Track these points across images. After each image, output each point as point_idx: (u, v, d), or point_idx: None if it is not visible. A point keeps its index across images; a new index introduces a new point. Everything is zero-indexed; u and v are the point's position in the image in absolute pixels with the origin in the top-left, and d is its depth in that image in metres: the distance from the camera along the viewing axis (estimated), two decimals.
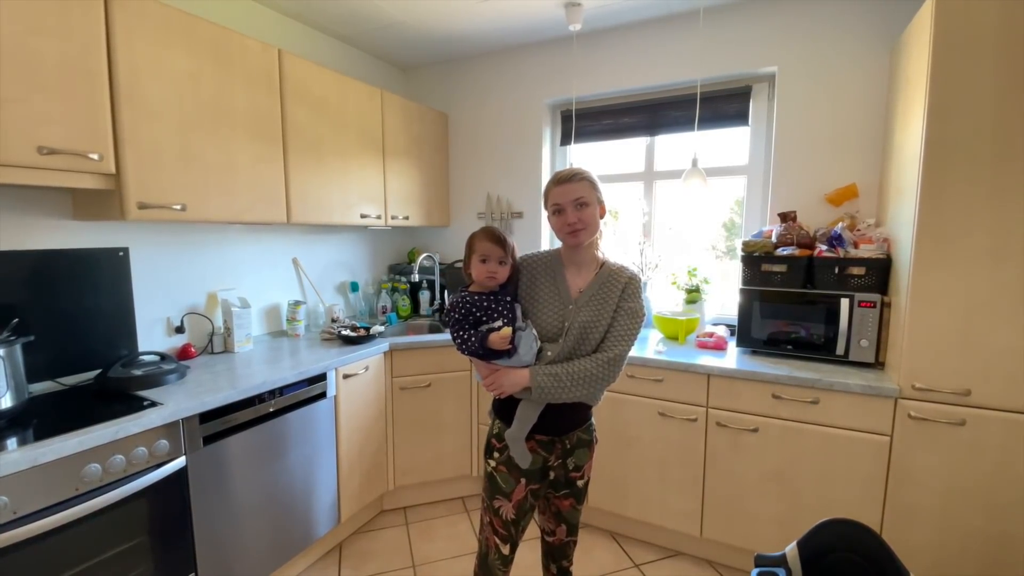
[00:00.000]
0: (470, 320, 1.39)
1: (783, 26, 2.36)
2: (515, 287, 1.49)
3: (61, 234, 1.76)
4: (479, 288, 1.44)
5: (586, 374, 1.35)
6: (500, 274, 1.42)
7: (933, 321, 1.69)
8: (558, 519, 1.57)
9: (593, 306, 1.41)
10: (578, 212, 1.38)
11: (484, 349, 1.35)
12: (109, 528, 1.41)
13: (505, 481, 1.45)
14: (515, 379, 1.36)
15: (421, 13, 2.54)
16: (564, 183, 1.39)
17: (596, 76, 2.80)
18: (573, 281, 1.46)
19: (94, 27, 1.50)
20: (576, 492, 1.53)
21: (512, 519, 1.46)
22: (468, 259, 1.45)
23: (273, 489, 1.91)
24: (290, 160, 2.16)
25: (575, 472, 1.50)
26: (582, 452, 1.50)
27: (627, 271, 1.46)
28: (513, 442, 1.42)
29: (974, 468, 1.68)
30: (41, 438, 1.30)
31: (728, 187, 2.72)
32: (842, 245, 2.04)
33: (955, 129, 1.60)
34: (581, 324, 1.38)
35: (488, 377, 1.40)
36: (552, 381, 1.34)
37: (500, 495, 1.46)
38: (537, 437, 1.44)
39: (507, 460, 1.45)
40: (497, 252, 1.40)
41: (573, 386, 1.34)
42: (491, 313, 1.39)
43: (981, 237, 1.61)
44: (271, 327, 2.57)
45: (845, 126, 2.27)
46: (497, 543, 1.48)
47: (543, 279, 1.48)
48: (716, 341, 2.27)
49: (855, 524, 1.17)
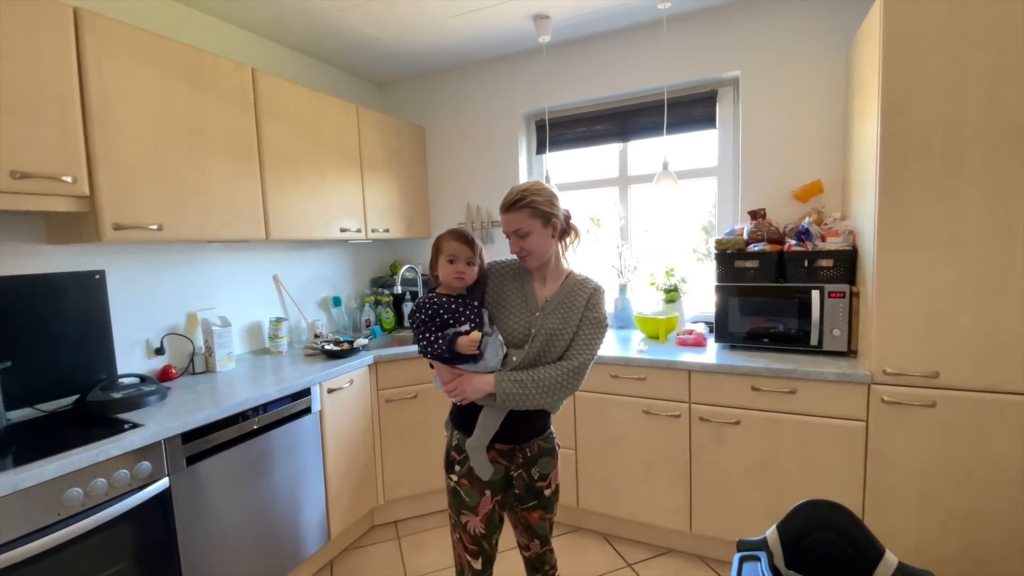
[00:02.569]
0: (436, 322, 1.36)
1: (744, 31, 2.45)
2: (482, 292, 1.48)
3: (36, 259, 1.75)
4: (446, 290, 1.42)
5: (550, 381, 1.34)
6: (468, 275, 1.40)
7: (899, 308, 1.75)
8: (530, 533, 1.54)
9: (559, 314, 1.41)
10: (519, 241, 1.39)
11: (451, 352, 1.32)
12: (93, 553, 1.39)
13: (469, 495, 1.43)
14: (479, 385, 1.34)
15: (393, 29, 2.59)
16: (505, 212, 1.39)
17: (567, 86, 2.87)
18: (539, 290, 1.46)
19: (64, 51, 1.51)
20: (544, 503, 1.50)
21: (482, 533, 1.44)
22: (435, 260, 1.42)
23: (260, 508, 1.89)
24: (267, 177, 2.18)
25: (541, 482, 1.48)
26: (545, 461, 1.48)
27: (591, 282, 1.47)
28: (474, 451, 1.39)
29: (947, 448, 1.73)
30: (20, 464, 1.28)
31: (702, 189, 2.80)
32: (810, 239, 2.11)
33: (908, 123, 1.68)
34: (548, 331, 1.39)
35: (451, 382, 1.37)
36: (517, 387, 1.33)
37: (466, 510, 1.43)
38: (497, 447, 1.43)
39: (468, 473, 1.42)
40: (465, 252, 1.39)
41: (537, 393, 1.33)
42: (458, 316, 1.37)
43: (939, 225, 1.67)
44: (253, 345, 2.56)
45: (808, 125, 2.36)
46: (468, 560, 1.46)
47: (510, 285, 1.47)
48: (695, 338, 2.31)
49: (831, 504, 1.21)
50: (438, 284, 1.44)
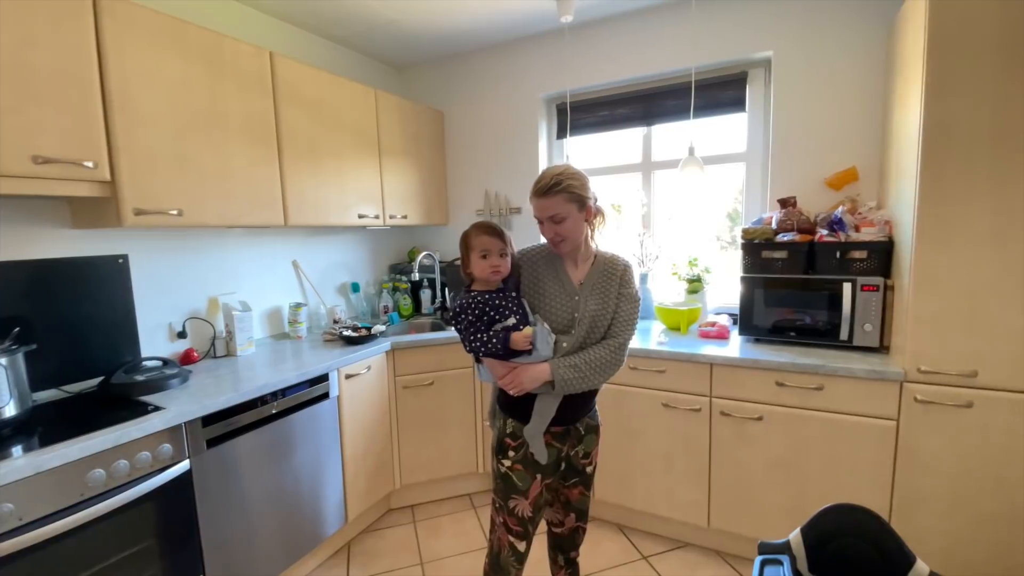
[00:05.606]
0: (484, 320, 1.35)
1: (777, 9, 2.33)
2: (516, 281, 1.47)
3: (61, 243, 1.78)
4: (483, 286, 1.40)
5: (602, 361, 1.38)
6: (503, 267, 1.39)
7: (937, 303, 1.67)
8: (567, 508, 1.59)
9: (597, 294, 1.43)
10: (554, 227, 1.38)
11: (507, 349, 1.32)
12: (116, 532, 1.42)
13: (521, 479, 1.44)
14: (535, 375, 1.35)
15: (413, 11, 2.54)
16: (540, 197, 1.37)
17: (589, 68, 2.79)
18: (573, 273, 1.47)
19: (84, 36, 1.50)
20: (585, 479, 1.56)
21: (530, 516, 1.46)
22: (466, 257, 1.41)
23: (279, 490, 1.91)
24: (286, 162, 2.17)
25: (584, 459, 1.53)
26: (590, 438, 1.53)
27: (620, 259, 1.50)
28: (532, 438, 1.41)
29: (983, 450, 1.66)
30: (45, 445, 1.31)
31: (728, 175, 2.70)
32: (843, 229, 2.02)
33: (954, 109, 1.58)
34: (591, 313, 1.40)
35: (506, 375, 1.37)
36: (573, 372, 1.35)
37: (516, 494, 1.45)
38: (553, 429, 1.44)
39: (523, 458, 1.44)
40: (497, 245, 1.37)
41: (592, 374, 1.37)
42: (502, 311, 1.36)
43: (983, 217, 1.58)
44: (273, 330, 2.58)
45: (844, 108, 2.24)
46: (511, 541, 1.48)
47: (545, 272, 1.47)
48: (718, 330, 2.25)
49: (859, 509, 1.16)
50: (472, 281, 1.43)
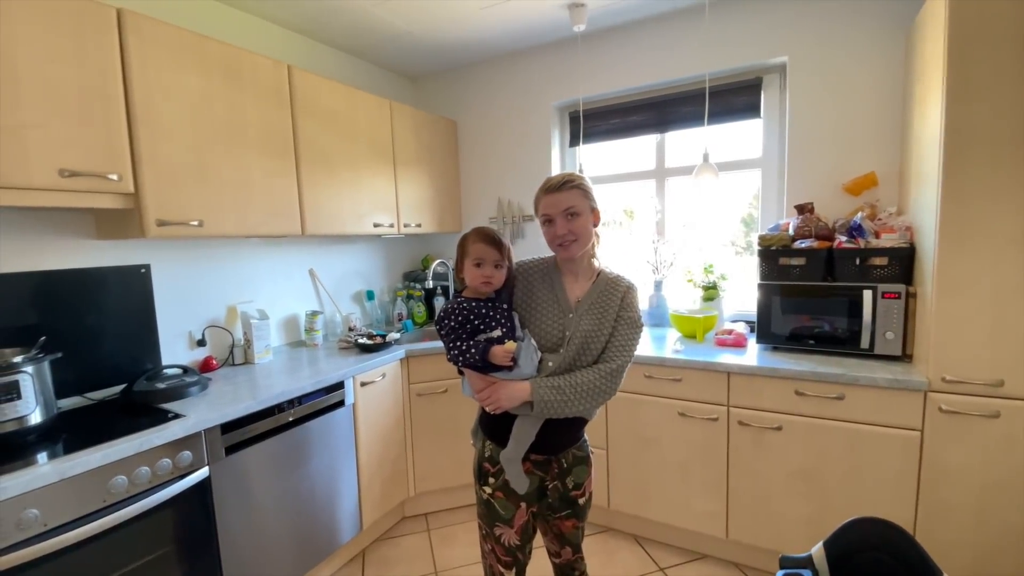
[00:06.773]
0: (467, 328, 1.29)
1: (792, 13, 2.32)
2: (510, 293, 1.40)
3: (85, 253, 1.82)
4: (473, 293, 1.34)
5: (589, 386, 1.26)
6: (496, 279, 1.32)
7: (962, 310, 1.63)
8: (561, 541, 1.49)
9: (594, 315, 1.33)
10: (568, 223, 1.30)
11: (485, 362, 1.25)
12: (136, 538, 1.44)
13: (504, 507, 1.37)
14: (514, 393, 1.25)
15: (427, 23, 2.57)
16: (553, 192, 1.30)
17: (602, 76, 2.79)
18: (571, 289, 1.38)
19: (109, 53, 1.55)
20: (577, 511, 1.45)
21: (516, 544, 1.40)
22: (460, 261, 1.35)
23: (295, 497, 1.93)
24: (302, 173, 2.20)
25: (576, 491, 1.42)
26: (580, 470, 1.42)
27: (624, 280, 1.39)
28: (508, 463, 1.32)
29: (1010, 462, 1.61)
30: (70, 452, 1.34)
31: (744, 182, 2.68)
32: (862, 235, 1.99)
33: (976, 112, 1.55)
34: (583, 333, 1.31)
35: (484, 390, 1.29)
36: (555, 394, 1.25)
37: (500, 522, 1.38)
38: (532, 457, 1.36)
39: (503, 485, 1.36)
40: (492, 255, 1.30)
41: (576, 400, 1.26)
42: (488, 321, 1.29)
43: (1008, 221, 1.55)
44: (290, 338, 2.61)
45: (862, 113, 2.21)
46: (502, 571, 1.43)
47: (540, 286, 1.39)
48: (735, 338, 2.22)
49: (884, 523, 1.13)
50: (464, 286, 1.37)
